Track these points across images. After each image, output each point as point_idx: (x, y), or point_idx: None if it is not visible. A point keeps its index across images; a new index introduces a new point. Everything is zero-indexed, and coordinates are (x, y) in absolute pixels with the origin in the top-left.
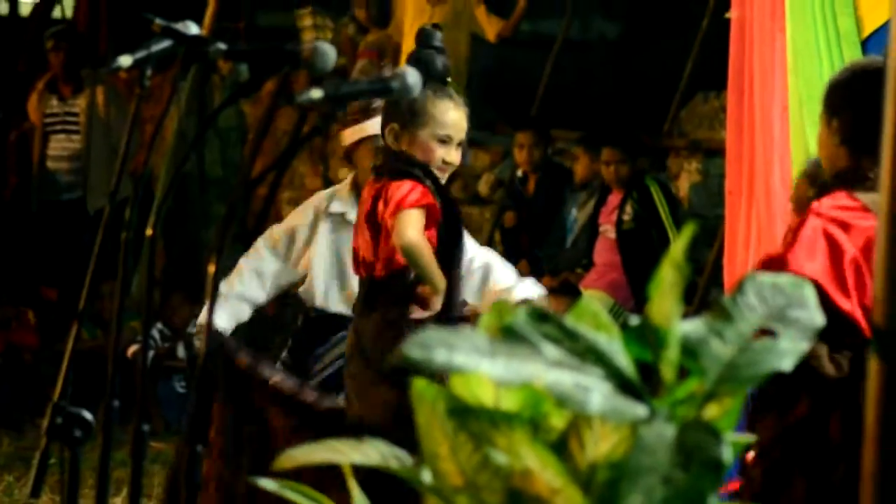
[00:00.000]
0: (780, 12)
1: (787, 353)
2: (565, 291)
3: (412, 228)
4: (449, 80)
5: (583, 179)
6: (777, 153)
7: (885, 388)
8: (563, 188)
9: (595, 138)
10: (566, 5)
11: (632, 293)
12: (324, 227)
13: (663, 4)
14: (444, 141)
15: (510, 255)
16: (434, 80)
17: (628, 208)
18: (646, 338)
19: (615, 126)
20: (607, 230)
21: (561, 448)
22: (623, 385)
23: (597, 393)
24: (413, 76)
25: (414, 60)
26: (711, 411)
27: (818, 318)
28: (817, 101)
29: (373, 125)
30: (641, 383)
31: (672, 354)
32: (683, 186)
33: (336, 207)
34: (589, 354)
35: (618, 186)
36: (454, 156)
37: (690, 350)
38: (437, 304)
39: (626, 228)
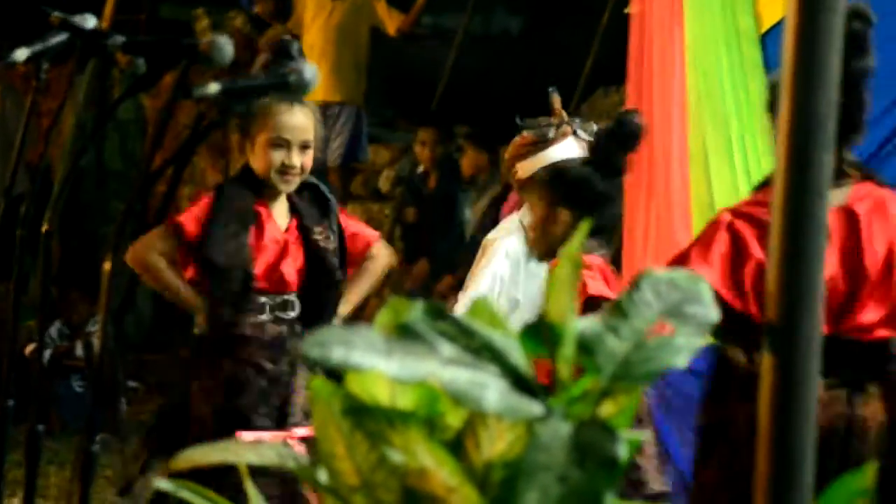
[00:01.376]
0: (679, 8)
1: (682, 349)
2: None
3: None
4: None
5: (470, 175)
6: (676, 148)
7: (779, 385)
8: (461, 185)
9: (485, 134)
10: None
11: None
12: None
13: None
14: (281, 145)
15: (410, 252)
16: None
17: None
18: (542, 335)
19: (515, 121)
20: None
21: (457, 447)
22: (519, 383)
23: (492, 390)
24: (310, 71)
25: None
26: (607, 409)
27: (714, 314)
28: (716, 96)
29: (548, 155)
30: (537, 381)
31: (567, 352)
32: None
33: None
34: (485, 352)
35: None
36: (295, 159)
37: (586, 347)
38: (202, 320)
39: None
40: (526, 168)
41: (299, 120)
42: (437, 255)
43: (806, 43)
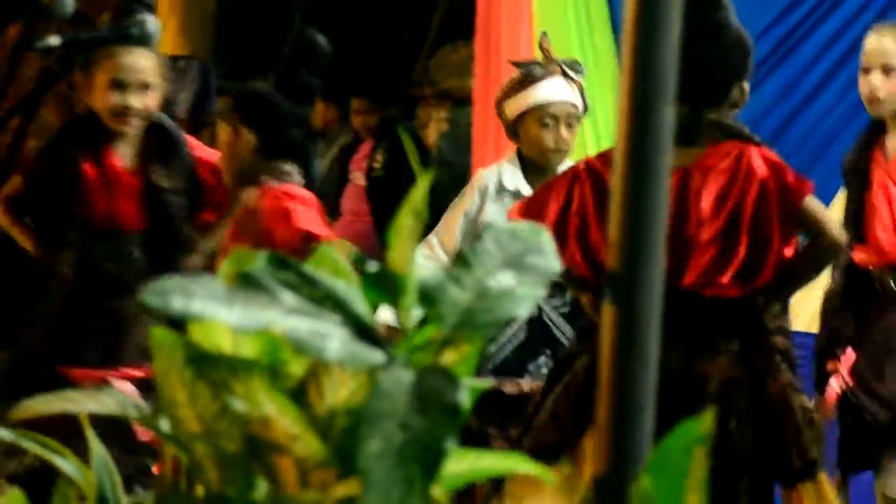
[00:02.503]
0: None
1: (523, 298)
2: None
3: None
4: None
5: (321, 128)
6: None
7: (619, 334)
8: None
9: (337, 88)
10: None
11: (379, 242)
12: (495, 208)
13: None
14: (119, 86)
15: None
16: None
17: (378, 156)
18: (384, 284)
19: (364, 75)
20: (357, 177)
21: (299, 395)
22: (361, 331)
23: (334, 339)
24: (153, 24)
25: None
26: (449, 357)
27: (555, 265)
28: (563, 50)
29: (535, 94)
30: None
31: (409, 301)
32: (432, 135)
33: (510, 184)
34: (327, 301)
35: (368, 135)
36: (133, 100)
37: (428, 296)
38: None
39: (375, 176)
40: (513, 107)
41: (138, 61)
42: None
43: None
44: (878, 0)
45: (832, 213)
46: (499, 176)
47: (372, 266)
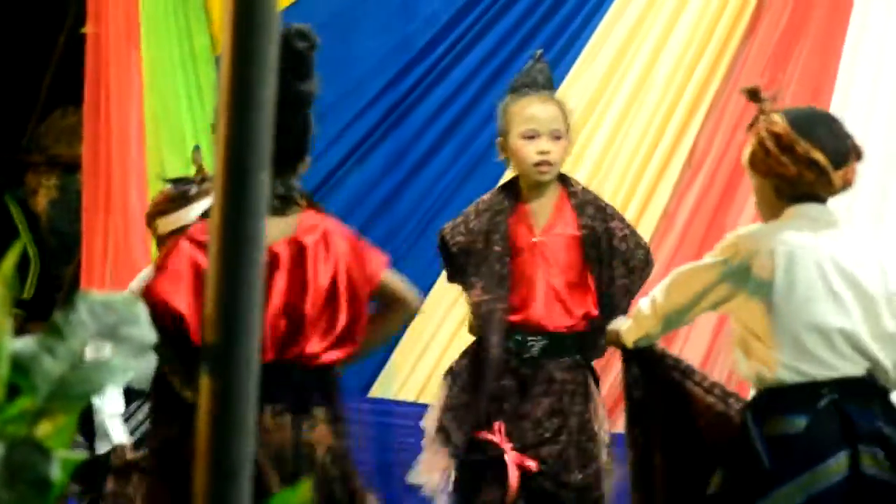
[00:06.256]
0: (135, 29)
1: (117, 369)
2: None
3: None
4: None
5: None
6: (134, 169)
7: (217, 406)
8: None
9: None
10: None
11: None
12: None
13: (19, 18)
14: None
15: None
16: None
17: None
18: None
19: None
20: None
21: None
22: None
23: None
24: None
25: None
26: (43, 429)
27: (151, 335)
28: (173, 117)
29: (188, 215)
30: None
31: (2, 371)
32: (42, 202)
33: None
34: None
35: None
36: None
37: (22, 367)
38: None
39: None
40: (164, 225)
41: None
42: None
43: (241, 63)
44: (485, 69)
45: None
46: None
47: None
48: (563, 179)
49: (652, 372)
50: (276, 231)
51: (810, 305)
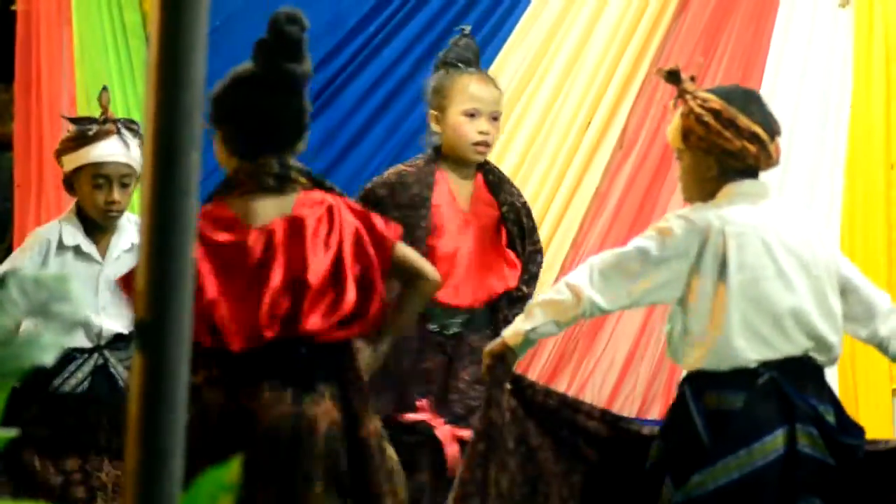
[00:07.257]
0: (66, 5)
1: (49, 346)
2: None
3: None
4: None
5: None
6: None
7: (149, 381)
8: None
9: None
10: None
11: None
12: (57, 264)
13: None
14: None
15: None
16: None
17: None
18: None
19: None
20: None
21: None
22: None
23: None
24: None
25: None
26: None
27: (80, 312)
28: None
29: (88, 153)
30: None
31: None
32: None
33: (69, 239)
34: None
35: None
36: None
37: None
38: None
39: None
40: (68, 163)
41: None
42: None
43: (169, 39)
44: (417, 48)
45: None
46: (59, 233)
47: None
48: None
49: (531, 406)
50: (272, 210)
51: (760, 285)
